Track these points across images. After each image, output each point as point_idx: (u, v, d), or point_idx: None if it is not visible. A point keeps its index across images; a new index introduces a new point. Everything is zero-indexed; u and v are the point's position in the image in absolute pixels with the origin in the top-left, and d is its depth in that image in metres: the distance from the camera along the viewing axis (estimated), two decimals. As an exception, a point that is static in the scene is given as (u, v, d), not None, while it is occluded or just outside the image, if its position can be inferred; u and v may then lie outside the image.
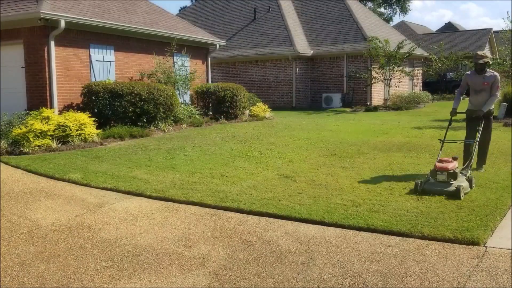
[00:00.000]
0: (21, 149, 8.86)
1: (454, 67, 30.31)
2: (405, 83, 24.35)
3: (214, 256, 4.11)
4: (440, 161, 5.95)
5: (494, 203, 5.33)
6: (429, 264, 3.85)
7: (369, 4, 49.40)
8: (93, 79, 12.14)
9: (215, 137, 10.88)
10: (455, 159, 5.98)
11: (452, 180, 5.73)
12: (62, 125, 9.67)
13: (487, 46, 37.64)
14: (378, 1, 51.40)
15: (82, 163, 7.91)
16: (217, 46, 17.09)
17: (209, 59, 16.98)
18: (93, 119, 10.43)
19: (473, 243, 4.22)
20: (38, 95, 11.09)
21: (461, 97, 7.05)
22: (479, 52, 6.91)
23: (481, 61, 6.77)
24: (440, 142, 6.74)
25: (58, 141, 9.41)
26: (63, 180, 6.93)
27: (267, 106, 16.65)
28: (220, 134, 11.41)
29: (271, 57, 22.11)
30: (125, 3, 14.55)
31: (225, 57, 23.17)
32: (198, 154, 8.77)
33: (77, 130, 9.77)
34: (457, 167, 5.86)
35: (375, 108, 19.72)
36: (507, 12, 30.82)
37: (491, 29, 38.55)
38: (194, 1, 46.33)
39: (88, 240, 4.57)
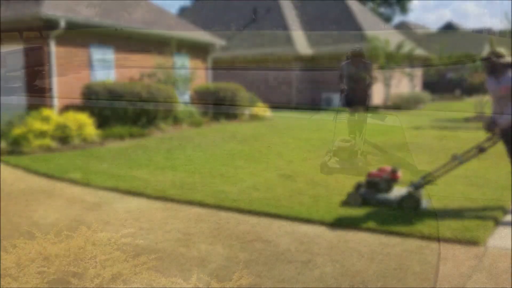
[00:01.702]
0: (21, 149, 8.85)
1: (454, 67, 30.29)
2: (405, 83, 24.34)
3: (214, 256, 4.11)
4: (379, 169, 5.43)
5: (494, 203, 5.32)
6: (429, 264, 3.84)
7: (369, 4, 49.40)
8: (93, 79, 12.14)
9: (215, 137, 10.87)
10: (393, 171, 5.36)
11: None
12: (62, 125, 9.67)
13: (487, 46, 37.61)
14: (378, 1, 51.39)
15: (82, 163, 7.91)
16: (217, 46, 17.08)
17: (209, 59, 16.96)
18: (93, 119, 10.43)
19: (473, 243, 4.22)
20: (38, 95, 11.07)
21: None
22: (496, 50, 5.50)
23: (500, 60, 5.31)
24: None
25: (58, 141, 9.40)
26: (63, 180, 6.93)
27: (267, 106, 16.64)
28: (220, 134, 11.40)
29: (271, 57, 22.10)
30: (125, 3, 14.53)
31: (225, 57, 23.15)
32: (198, 154, 8.76)
33: (77, 130, 9.77)
34: (378, 179, 5.28)
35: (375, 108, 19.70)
36: (505, 13, 30.71)
37: (491, 29, 38.57)
38: (194, 1, 46.30)
39: (88, 240, 4.56)
